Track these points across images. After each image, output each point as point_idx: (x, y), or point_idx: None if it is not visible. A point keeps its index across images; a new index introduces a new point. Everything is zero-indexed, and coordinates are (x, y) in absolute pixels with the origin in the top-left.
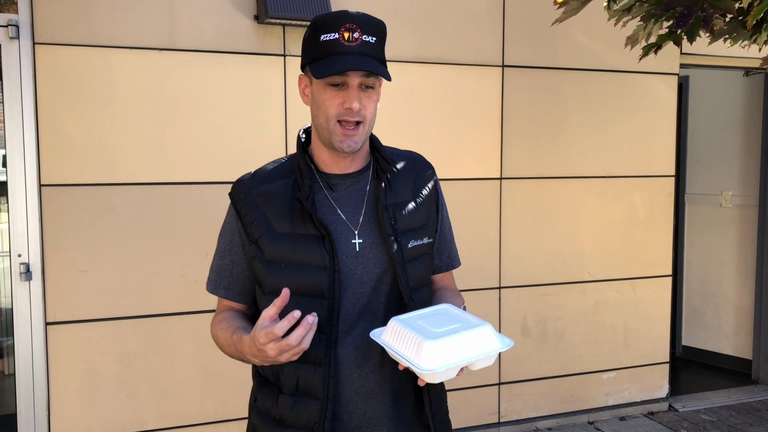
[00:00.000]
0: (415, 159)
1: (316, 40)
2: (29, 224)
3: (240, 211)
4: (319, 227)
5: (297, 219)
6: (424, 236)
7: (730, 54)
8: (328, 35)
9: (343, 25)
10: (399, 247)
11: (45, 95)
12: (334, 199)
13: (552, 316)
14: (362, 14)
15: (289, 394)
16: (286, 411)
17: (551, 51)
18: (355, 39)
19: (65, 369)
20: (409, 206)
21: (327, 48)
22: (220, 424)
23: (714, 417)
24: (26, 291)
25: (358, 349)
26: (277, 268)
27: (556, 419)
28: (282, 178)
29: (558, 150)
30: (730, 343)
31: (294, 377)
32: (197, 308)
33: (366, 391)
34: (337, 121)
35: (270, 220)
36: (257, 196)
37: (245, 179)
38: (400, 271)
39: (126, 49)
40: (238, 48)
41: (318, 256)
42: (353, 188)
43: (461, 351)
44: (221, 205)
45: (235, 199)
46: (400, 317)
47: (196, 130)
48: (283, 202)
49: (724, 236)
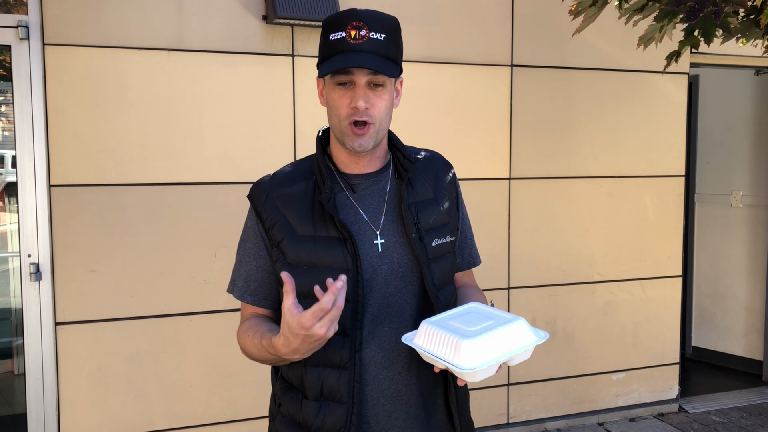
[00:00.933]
0: (434, 157)
1: (326, 40)
2: (39, 224)
3: (261, 214)
4: (341, 229)
5: (318, 221)
6: (447, 234)
7: (741, 53)
8: (336, 34)
9: (350, 23)
10: (423, 246)
11: (54, 96)
12: (355, 199)
13: (561, 316)
14: (371, 11)
15: (313, 399)
16: (311, 416)
17: (560, 50)
18: (362, 37)
19: (75, 369)
20: (431, 204)
21: (334, 47)
22: (228, 424)
23: (725, 418)
24: (36, 291)
25: (384, 350)
26: (299, 271)
27: (565, 420)
28: (302, 179)
29: (567, 150)
30: (741, 344)
31: (318, 382)
32: (206, 308)
33: (393, 393)
34: (350, 123)
35: (291, 223)
36: (278, 198)
37: (265, 181)
38: (426, 269)
39: (135, 50)
40: (247, 48)
41: (340, 259)
42: (374, 188)
43: (499, 347)
44: (230, 205)
45: (255, 202)
46: (430, 320)
47: (205, 130)
48: (304, 204)
49: (734, 236)
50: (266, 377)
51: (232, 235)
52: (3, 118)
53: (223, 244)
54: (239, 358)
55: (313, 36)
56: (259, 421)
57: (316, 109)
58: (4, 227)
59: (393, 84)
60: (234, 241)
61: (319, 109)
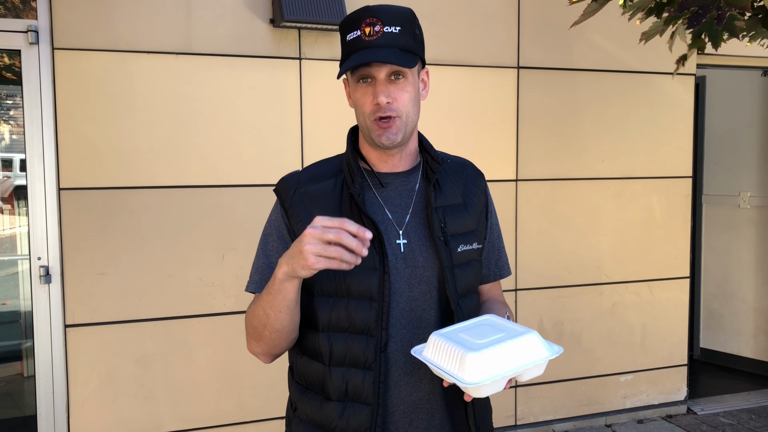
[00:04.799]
0: (466, 164)
1: (343, 41)
2: (48, 227)
3: (287, 209)
4: (368, 227)
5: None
6: (473, 241)
7: (748, 54)
8: (351, 34)
9: (363, 20)
10: (448, 250)
11: (64, 100)
12: (382, 198)
13: (569, 318)
14: (385, 6)
15: (337, 400)
16: (335, 418)
17: (567, 52)
18: (377, 32)
19: (84, 371)
20: (459, 210)
21: (351, 46)
22: (237, 426)
23: (733, 420)
24: (46, 293)
25: (406, 355)
26: (326, 269)
27: (573, 422)
28: (330, 177)
29: (574, 151)
30: (749, 346)
31: (343, 382)
32: (214, 311)
33: (414, 400)
34: (375, 119)
35: None
36: (305, 194)
37: (292, 177)
38: (449, 275)
39: (143, 54)
40: (254, 51)
41: (368, 257)
42: (403, 188)
43: (507, 361)
44: (237, 208)
45: (282, 196)
46: (440, 331)
47: (213, 133)
48: (331, 201)
49: (742, 237)
50: (275, 379)
51: (240, 237)
52: (13, 121)
53: (231, 247)
54: (248, 360)
55: (320, 39)
56: (268, 423)
57: (323, 111)
58: (14, 230)
59: (416, 75)
60: (242, 243)
61: (327, 112)
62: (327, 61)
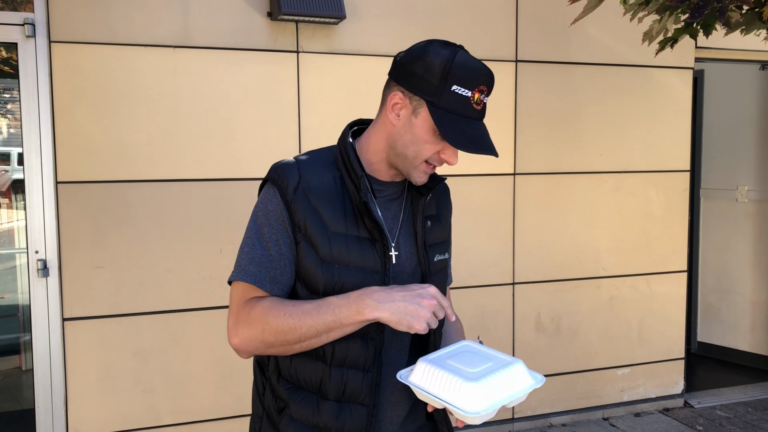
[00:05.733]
0: (435, 174)
1: (446, 85)
2: (46, 221)
3: (290, 204)
4: (371, 230)
5: (350, 219)
6: (445, 251)
7: (746, 47)
8: (461, 89)
9: (478, 86)
10: (427, 261)
11: (61, 93)
12: (380, 206)
13: (566, 311)
14: (489, 71)
15: (335, 400)
16: (332, 418)
17: (565, 46)
18: (482, 102)
19: (82, 364)
20: (435, 221)
21: (457, 103)
22: (235, 419)
23: (730, 413)
24: (43, 287)
25: (401, 357)
26: (331, 268)
27: (570, 415)
28: (327, 172)
29: (572, 145)
30: (746, 339)
31: (342, 382)
32: (212, 304)
33: (405, 400)
34: (425, 161)
35: (324, 218)
36: (308, 190)
37: (290, 169)
38: (429, 282)
39: (141, 47)
40: (252, 45)
41: (371, 259)
42: (396, 199)
43: (501, 390)
44: (235, 201)
45: (282, 189)
46: (428, 357)
47: (211, 126)
48: (335, 200)
49: (740, 231)
50: None
51: (238, 231)
52: (10, 115)
53: (229, 240)
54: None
55: (317, 32)
56: None
57: (320, 105)
58: (12, 224)
59: None
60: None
61: (324, 105)
62: (324, 54)
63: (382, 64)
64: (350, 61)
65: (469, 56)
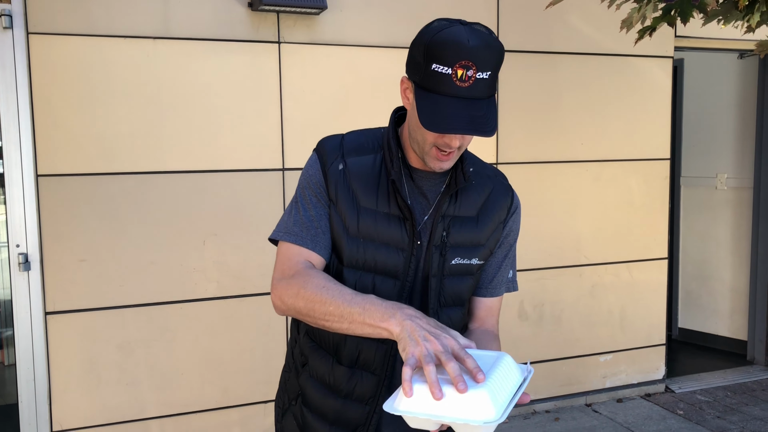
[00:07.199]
0: (496, 178)
1: (427, 64)
2: (27, 214)
3: (327, 175)
4: (402, 209)
5: (381, 197)
6: (475, 256)
7: (725, 36)
8: (440, 67)
9: (458, 61)
10: (442, 260)
11: (40, 85)
12: (413, 191)
13: (549, 300)
14: (481, 44)
15: (347, 366)
16: (343, 381)
17: (546, 35)
18: (468, 78)
19: (66, 358)
20: (468, 223)
21: (436, 82)
22: (220, 411)
23: (710, 397)
24: (25, 281)
25: None
26: (357, 242)
27: (553, 402)
28: (370, 152)
29: (553, 134)
30: (726, 325)
31: (356, 351)
32: (196, 296)
33: None
34: (435, 147)
35: (355, 193)
36: (347, 166)
37: (334, 142)
38: (434, 283)
39: (121, 38)
40: (233, 36)
41: (398, 237)
42: (432, 189)
43: (505, 389)
44: (218, 193)
45: (323, 158)
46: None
47: (192, 118)
48: (371, 177)
49: (719, 219)
50: (257, 364)
51: (221, 222)
52: None
53: (212, 232)
54: (230, 346)
55: (299, 22)
56: (252, 407)
57: (303, 96)
58: None
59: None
60: (222, 229)
61: (307, 97)
62: (306, 45)
63: (364, 55)
64: (332, 52)
65: (458, 31)
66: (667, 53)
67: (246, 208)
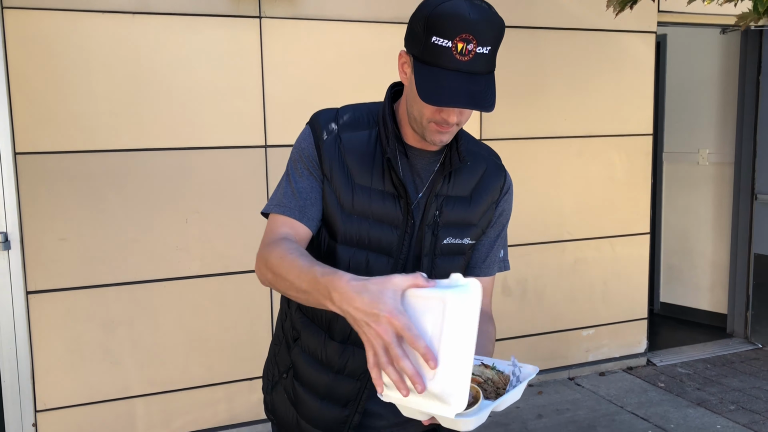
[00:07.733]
0: (489, 158)
1: (426, 37)
2: (5, 193)
3: (321, 149)
4: (397, 187)
5: (376, 174)
6: (466, 236)
7: (707, 11)
8: (440, 40)
9: (458, 34)
10: (434, 240)
11: (16, 61)
12: (407, 169)
13: (532, 275)
14: (482, 18)
15: (339, 342)
16: (335, 357)
17: (528, 10)
18: (468, 52)
19: (49, 337)
20: (460, 202)
21: (436, 54)
22: (204, 388)
23: (690, 370)
24: (5, 261)
25: None
26: (351, 218)
27: (537, 376)
28: (366, 128)
29: (537, 110)
30: (706, 299)
31: (348, 326)
32: (179, 274)
33: None
34: (433, 121)
35: (350, 169)
36: (341, 141)
37: (328, 116)
38: (426, 262)
39: (99, 13)
40: (213, 11)
41: (393, 214)
42: (426, 168)
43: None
44: (200, 170)
45: (317, 132)
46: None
47: (173, 94)
48: (366, 154)
49: (701, 194)
50: (242, 341)
51: (203, 200)
52: None
53: (194, 210)
54: (214, 324)
55: None
56: (236, 384)
57: (285, 72)
58: None
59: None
60: (204, 206)
61: (288, 72)
62: (288, 19)
63: (347, 30)
64: (314, 27)
65: (460, 4)
66: (650, 28)
67: (228, 185)
